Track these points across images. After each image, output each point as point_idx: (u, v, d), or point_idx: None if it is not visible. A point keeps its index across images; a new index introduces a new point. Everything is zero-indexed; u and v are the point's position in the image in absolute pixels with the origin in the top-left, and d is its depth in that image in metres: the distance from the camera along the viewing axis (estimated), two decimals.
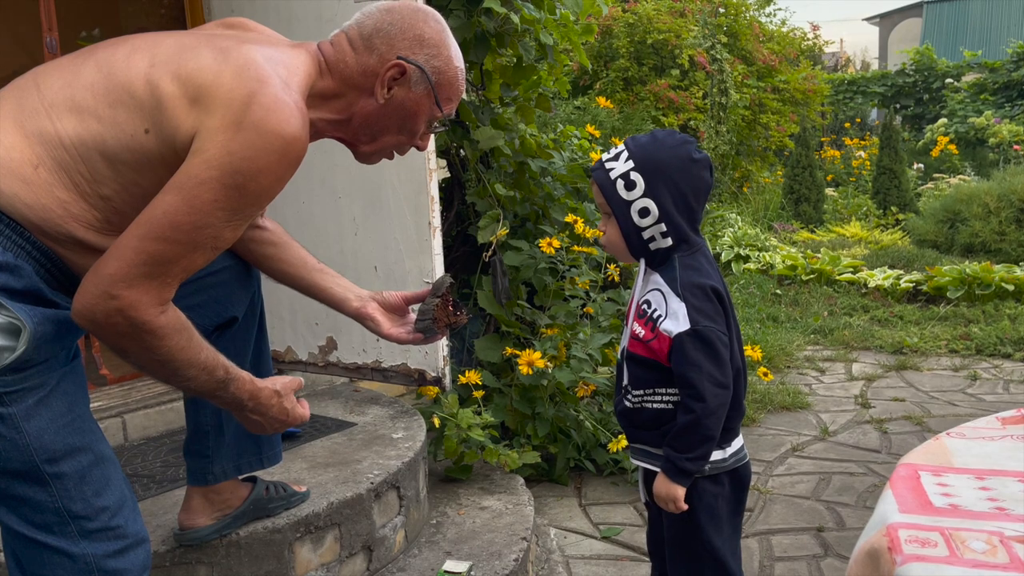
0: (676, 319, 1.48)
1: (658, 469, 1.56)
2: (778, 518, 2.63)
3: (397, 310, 1.62)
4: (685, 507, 1.52)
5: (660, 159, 1.52)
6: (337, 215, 2.65)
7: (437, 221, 2.50)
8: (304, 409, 1.42)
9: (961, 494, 1.13)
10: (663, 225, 1.51)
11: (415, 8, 1.35)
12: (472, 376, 2.66)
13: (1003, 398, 3.76)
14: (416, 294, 1.62)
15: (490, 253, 2.92)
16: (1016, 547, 0.96)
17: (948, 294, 5.38)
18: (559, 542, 2.49)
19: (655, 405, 1.56)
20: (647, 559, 2.37)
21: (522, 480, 2.63)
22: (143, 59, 1.22)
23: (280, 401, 1.39)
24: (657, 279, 1.54)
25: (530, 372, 2.68)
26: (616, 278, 3.22)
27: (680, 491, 1.50)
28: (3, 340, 1.12)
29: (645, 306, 1.54)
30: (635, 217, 1.51)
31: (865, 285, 5.79)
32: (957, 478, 1.18)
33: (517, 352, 2.75)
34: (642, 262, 1.57)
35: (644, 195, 1.51)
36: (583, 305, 3.06)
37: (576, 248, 2.98)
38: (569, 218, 3.03)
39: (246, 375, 1.34)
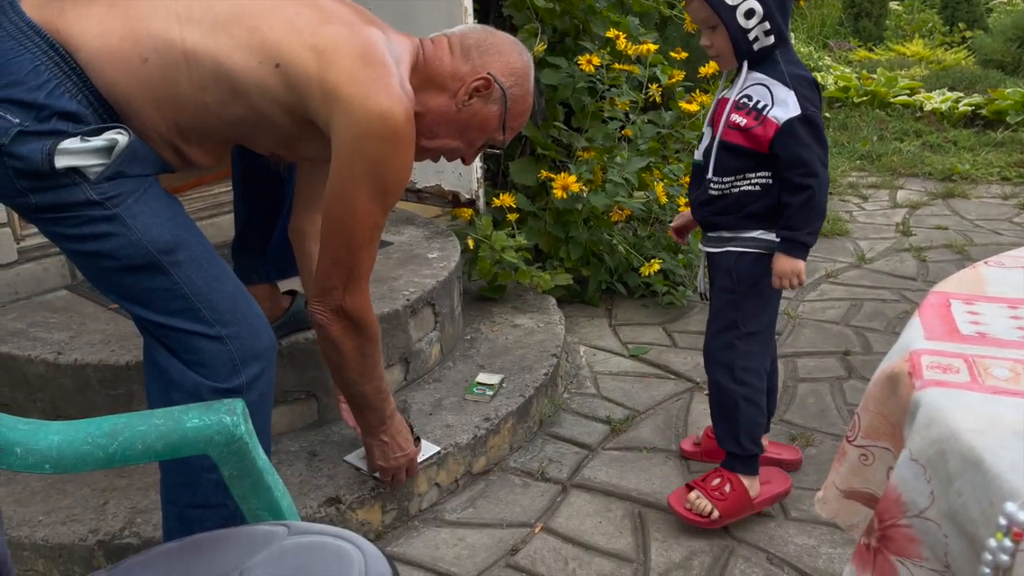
0: (786, 106, 1.60)
1: (734, 249, 1.72)
2: (805, 342, 2.68)
3: None
4: (805, 280, 1.67)
5: None
6: None
7: None
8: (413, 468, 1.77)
9: (991, 323, 1.12)
10: (767, 23, 1.60)
11: (514, 40, 1.55)
12: (506, 199, 2.65)
13: None
14: None
15: None
16: None
17: (1008, 118, 5.11)
18: (588, 359, 2.58)
19: (743, 188, 1.68)
20: (672, 376, 2.45)
21: (554, 301, 2.70)
22: (285, 12, 1.32)
23: (406, 431, 1.72)
24: (758, 75, 1.65)
25: (565, 196, 2.66)
26: (658, 99, 3.10)
27: (801, 264, 1.66)
28: (98, 159, 1.23)
29: (746, 99, 1.65)
30: (741, 20, 1.60)
31: (921, 108, 5.52)
32: (989, 307, 1.17)
33: (552, 175, 2.72)
34: (744, 64, 1.66)
35: None
36: (622, 127, 2.97)
37: (617, 66, 2.85)
38: (611, 33, 2.87)
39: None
